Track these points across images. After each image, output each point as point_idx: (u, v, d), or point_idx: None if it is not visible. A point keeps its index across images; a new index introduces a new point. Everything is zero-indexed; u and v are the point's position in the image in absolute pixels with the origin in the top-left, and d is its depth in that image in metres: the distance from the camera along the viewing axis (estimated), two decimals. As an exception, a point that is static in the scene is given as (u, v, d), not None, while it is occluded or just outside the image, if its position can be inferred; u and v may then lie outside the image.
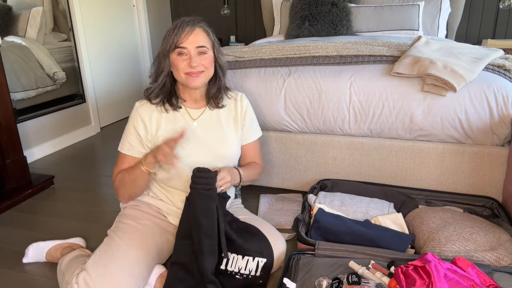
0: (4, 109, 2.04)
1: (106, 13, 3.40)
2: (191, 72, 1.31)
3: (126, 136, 1.39)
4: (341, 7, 3.02)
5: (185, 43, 1.29)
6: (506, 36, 3.43)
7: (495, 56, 1.78)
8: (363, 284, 1.14)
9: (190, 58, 1.30)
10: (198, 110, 1.42)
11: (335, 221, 1.47)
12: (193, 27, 1.30)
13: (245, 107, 1.51)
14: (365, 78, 1.71)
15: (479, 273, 1.09)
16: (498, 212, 1.57)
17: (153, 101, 1.37)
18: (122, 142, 1.39)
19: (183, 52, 1.30)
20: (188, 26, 1.30)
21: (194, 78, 1.32)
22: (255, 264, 1.27)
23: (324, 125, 1.80)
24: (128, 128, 1.38)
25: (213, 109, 1.44)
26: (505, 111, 1.56)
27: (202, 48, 1.31)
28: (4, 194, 2.05)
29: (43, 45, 2.75)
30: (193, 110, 1.42)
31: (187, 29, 1.29)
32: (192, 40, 1.29)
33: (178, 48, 1.29)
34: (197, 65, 1.30)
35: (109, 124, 3.56)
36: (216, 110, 1.45)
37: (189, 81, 1.33)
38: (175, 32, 1.30)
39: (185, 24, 1.30)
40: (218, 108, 1.44)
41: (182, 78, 1.33)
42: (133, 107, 1.39)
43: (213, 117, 1.44)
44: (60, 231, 1.76)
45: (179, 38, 1.29)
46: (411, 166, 1.74)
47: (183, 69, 1.31)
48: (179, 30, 1.29)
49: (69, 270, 1.25)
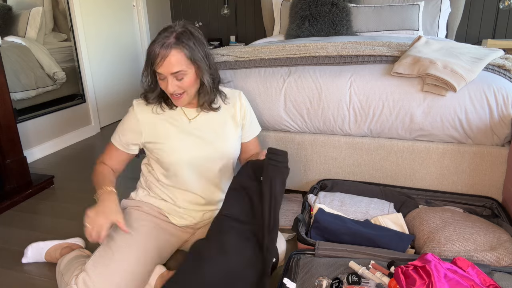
0: (4, 109, 2.04)
1: (106, 13, 3.40)
2: (172, 94, 1.29)
3: (119, 128, 1.40)
4: (341, 7, 3.02)
5: (160, 69, 1.23)
6: (506, 36, 3.43)
7: (495, 56, 1.78)
8: (363, 284, 1.14)
9: (166, 83, 1.26)
10: (193, 109, 1.41)
11: (335, 221, 1.47)
12: (166, 50, 1.20)
13: (244, 106, 1.48)
14: (365, 78, 1.71)
15: (479, 273, 1.09)
16: (498, 212, 1.57)
17: (150, 101, 1.36)
18: (115, 131, 1.42)
19: (161, 77, 1.26)
20: (161, 49, 1.21)
21: (176, 99, 1.30)
22: None
23: (324, 125, 1.80)
24: (124, 123, 1.39)
25: (207, 112, 1.42)
26: (505, 111, 1.56)
27: (177, 74, 1.23)
28: (4, 194, 2.05)
29: (43, 45, 2.75)
30: (189, 110, 1.41)
31: (161, 53, 1.21)
32: (166, 66, 1.21)
33: (156, 72, 1.26)
34: (174, 90, 1.26)
35: (109, 124, 3.56)
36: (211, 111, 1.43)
37: (173, 101, 1.32)
38: (150, 54, 1.23)
39: (159, 47, 1.21)
40: (212, 111, 1.41)
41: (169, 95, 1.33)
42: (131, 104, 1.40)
43: (210, 116, 1.42)
44: (60, 231, 1.77)
45: (154, 61, 1.23)
46: (411, 166, 1.74)
47: (166, 90, 1.29)
48: (153, 53, 1.22)
49: (69, 270, 1.25)
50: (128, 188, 2.21)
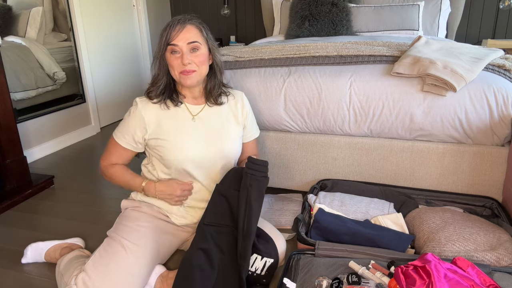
0: (4, 109, 2.04)
1: (106, 13, 3.40)
2: (184, 71, 1.31)
3: (123, 125, 1.39)
4: (341, 7, 3.02)
5: (176, 40, 1.29)
6: (506, 36, 3.43)
7: (495, 56, 1.78)
8: (363, 284, 1.14)
9: (182, 56, 1.30)
10: (197, 106, 1.42)
11: (335, 221, 1.47)
12: (183, 24, 1.30)
13: (246, 106, 1.52)
14: (365, 78, 1.71)
15: (479, 273, 1.09)
16: (498, 212, 1.57)
17: (153, 100, 1.37)
18: (117, 128, 1.41)
19: (175, 50, 1.30)
20: (178, 24, 1.30)
21: (187, 76, 1.32)
22: (262, 264, 1.28)
23: (324, 125, 1.80)
24: (128, 120, 1.38)
25: (212, 105, 1.44)
26: (505, 111, 1.56)
27: (193, 44, 1.30)
28: (4, 194, 2.05)
29: (43, 45, 2.75)
30: (193, 106, 1.42)
31: (178, 26, 1.30)
32: (182, 37, 1.29)
33: (170, 45, 1.30)
34: (189, 62, 1.30)
35: (109, 124, 3.56)
36: (215, 107, 1.45)
37: (182, 80, 1.33)
38: (166, 30, 1.30)
39: (176, 22, 1.31)
40: (217, 105, 1.44)
41: (177, 77, 1.34)
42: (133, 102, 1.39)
43: (213, 113, 1.44)
44: (60, 231, 1.77)
45: (170, 35, 1.29)
46: (411, 166, 1.74)
47: (177, 68, 1.32)
48: (170, 28, 1.30)
49: (68, 271, 1.25)
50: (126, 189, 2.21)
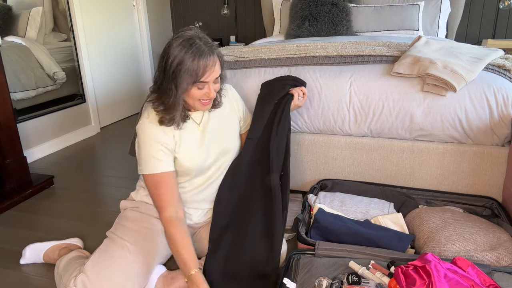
0: (4, 109, 2.04)
1: (106, 13, 3.40)
2: (203, 100, 1.28)
3: (146, 153, 1.25)
4: (341, 7, 3.02)
5: (208, 78, 1.23)
6: (506, 36, 3.43)
7: (495, 56, 1.78)
8: (363, 284, 1.14)
9: (208, 89, 1.25)
10: (199, 112, 1.41)
11: (335, 221, 1.47)
12: (214, 57, 1.23)
13: (237, 97, 1.51)
14: (365, 78, 1.71)
15: (479, 273, 1.09)
16: (498, 212, 1.57)
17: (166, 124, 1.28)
18: (143, 163, 1.25)
19: (201, 86, 1.24)
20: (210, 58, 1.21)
21: (205, 104, 1.29)
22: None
23: (324, 125, 1.80)
24: (145, 144, 1.25)
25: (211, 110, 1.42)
26: (505, 111, 1.56)
27: (218, 78, 1.28)
28: (4, 194, 2.05)
29: (43, 45, 2.75)
30: (196, 113, 1.38)
31: (210, 62, 1.21)
32: (215, 72, 1.24)
33: (200, 82, 1.23)
34: (214, 94, 1.27)
35: (109, 124, 3.56)
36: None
37: (200, 107, 1.30)
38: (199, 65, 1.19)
39: (207, 55, 1.20)
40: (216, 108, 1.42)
41: (195, 104, 1.29)
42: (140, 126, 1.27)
43: (215, 114, 1.43)
44: (60, 231, 1.76)
45: (203, 72, 1.21)
46: (411, 166, 1.73)
47: (199, 97, 1.27)
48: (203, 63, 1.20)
49: (67, 272, 1.25)
50: (127, 189, 2.21)
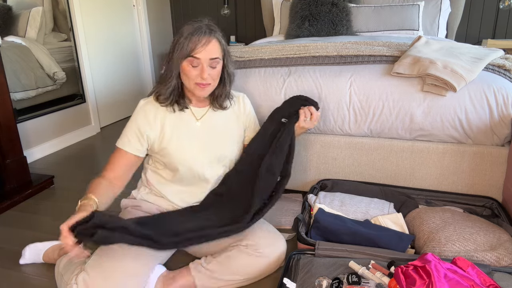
0: (4, 109, 2.03)
1: (106, 13, 3.40)
2: (201, 84, 1.30)
3: (126, 131, 1.38)
4: (341, 7, 3.02)
5: (199, 54, 1.25)
6: (506, 36, 3.43)
7: (495, 56, 1.78)
8: (363, 284, 1.14)
9: (201, 70, 1.27)
10: (202, 109, 1.42)
11: (335, 221, 1.47)
12: (210, 37, 1.26)
13: (248, 108, 1.52)
14: (365, 78, 1.71)
15: (479, 273, 1.09)
16: (498, 212, 1.57)
17: (161, 103, 1.35)
18: (121, 137, 1.39)
19: (195, 62, 1.27)
20: (205, 36, 1.25)
21: (202, 89, 1.31)
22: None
23: (324, 125, 1.80)
24: (130, 124, 1.38)
25: (216, 110, 1.44)
26: (505, 111, 1.56)
27: (214, 60, 1.28)
28: (4, 194, 2.05)
29: (43, 45, 2.75)
30: (197, 109, 1.42)
31: (204, 39, 1.25)
32: (207, 51, 1.26)
33: (192, 57, 1.26)
34: (207, 77, 1.28)
35: (109, 124, 3.56)
36: (219, 110, 1.45)
37: (196, 90, 1.32)
38: (189, 38, 1.25)
39: (203, 33, 1.25)
40: (221, 109, 1.44)
41: (191, 86, 1.32)
42: (137, 105, 1.38)
43: (217, 116, 1.44)
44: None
45: (194, 47, 1.25)
46: (411, 166, 1.73)
47: (193, 79, 1.29)
48: (196, 38, 1.24)
49: (68, 270, 1.25)
50: (127, 188, 2.21)
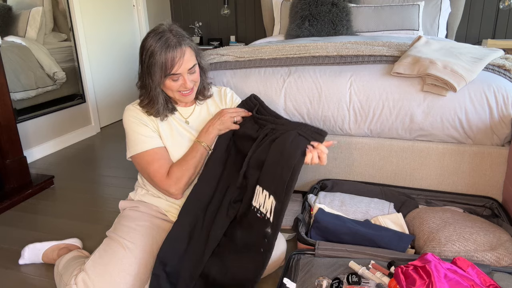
0: (4, 109, 2.03)
1: (106, 13, 3.40)
2: (184, 92, 1.32)
3: (134, 134, 1.32)
4: (341, 7, 3.02)
5: (179, 69, 1.25)
6: (506, 36, 3.43)
7: (495, 56, 1.78)
8: (363, 284, 1.14)
9: (184, 81, 1.28)
10: (188, 108, 1.44)
11: (335, 221, 1.47)
12: (182, 47, 1.23)
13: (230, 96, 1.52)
14: (365, 78, 1.71)
15: (479, 273, 1.09)
16: (498, 212, 1.57)
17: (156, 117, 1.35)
18: (132, 144, 1.32)
19: (175, 77, 1.27)
20: (178, 49, 1.22)
21: (188, 96, 1.33)
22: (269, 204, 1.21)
23: (324, 125, 1.80)
24: (131, 126, 1.33)
25: (202, 102, 1.46)
26: (505, 111, 1.56)
27: (192, 68, 1.29)
28: (4, 194, 2.05)
29: (43, 45, 2.75)
30: (184, 108, 1.44)
31: (178, 53, 1.22)
32: (184, 64, 1.25)
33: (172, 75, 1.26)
34: (191, 84, 1.30)
35: (109, 124, 3.56)
36: (205, 104, 1.47)
37: (182, 98, 1.34)
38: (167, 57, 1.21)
39: (174, 47, 1.22)
40: (206, 98, 1.46)
41: (175, 96, 1.33)
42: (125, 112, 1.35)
43: (203, 112, 1.47)
44: (60, 231, 1.76)
45: (172, 65, 1.23)
46: (411, 166, 1.73)
47: (177, 89, 1.31)
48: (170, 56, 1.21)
49: (68, 271, 1.25)
50: (127, 189, 2.21)
